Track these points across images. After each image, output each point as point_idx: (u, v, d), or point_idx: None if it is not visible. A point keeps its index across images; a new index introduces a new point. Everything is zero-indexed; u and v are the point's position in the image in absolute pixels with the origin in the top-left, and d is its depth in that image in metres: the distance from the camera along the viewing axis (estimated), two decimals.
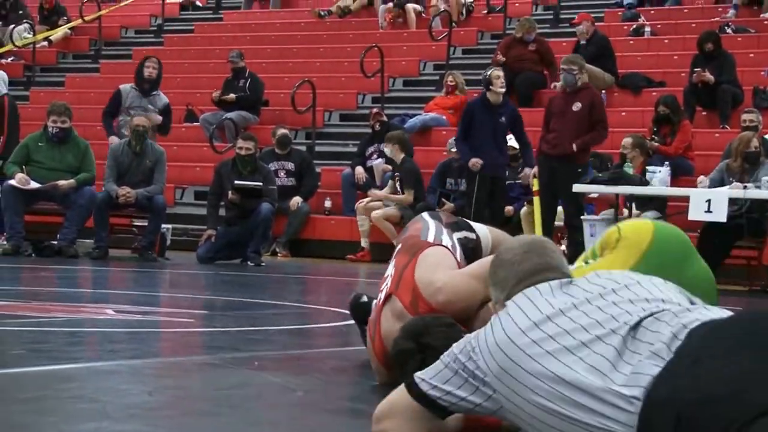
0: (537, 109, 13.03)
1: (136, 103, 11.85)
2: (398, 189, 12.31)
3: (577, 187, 10.84)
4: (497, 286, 2.71)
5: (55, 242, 10.70)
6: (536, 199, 10.85)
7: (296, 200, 12.53)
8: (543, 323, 2.42)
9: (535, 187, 10.86)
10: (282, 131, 13.00)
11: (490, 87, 11.09)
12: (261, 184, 11.06)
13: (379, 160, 12.85)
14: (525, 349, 2.39)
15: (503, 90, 11.14)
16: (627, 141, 11.12)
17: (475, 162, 10.92)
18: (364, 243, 12.23)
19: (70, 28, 19.08)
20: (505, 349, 2.42)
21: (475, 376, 2.47)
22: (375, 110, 13.65)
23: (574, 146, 10.32)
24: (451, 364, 2.53)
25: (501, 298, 2.67)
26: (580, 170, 10.46)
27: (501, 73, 11.22)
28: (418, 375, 2.58)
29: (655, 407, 2.22)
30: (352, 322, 5.90)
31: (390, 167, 12.52)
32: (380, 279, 3.95)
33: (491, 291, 2.76)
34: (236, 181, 10.95)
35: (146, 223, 11.11)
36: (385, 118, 13.34)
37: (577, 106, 10.40)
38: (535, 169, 10.80)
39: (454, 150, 11.96)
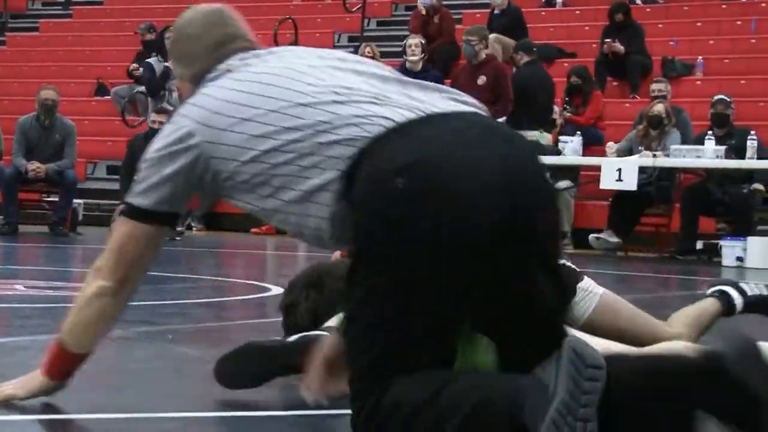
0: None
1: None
2: None
3: None
4: (182, 62, 2.65)
5: None
6: None
7: None
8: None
9: None
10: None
11: (405, 56, 11.15)
12: None
13: None
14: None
15: (416, 58, 11.14)
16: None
17: None
18: None
19: None
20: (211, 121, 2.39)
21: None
22: None
23: None
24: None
25: (187, 74, 2.62)
26: None
27: (416, 41, 11.21)
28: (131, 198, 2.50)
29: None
30: (268, 294, 5.91)
31: None
32: (290, 251, 3.95)
33: (174, 67, 2.72)
34: None
35: (57, 199, 10.95)
36: None
37: (482, 80, 10.43)
38: None
39: None
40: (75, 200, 11.09)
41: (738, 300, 3.90)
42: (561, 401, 1.97)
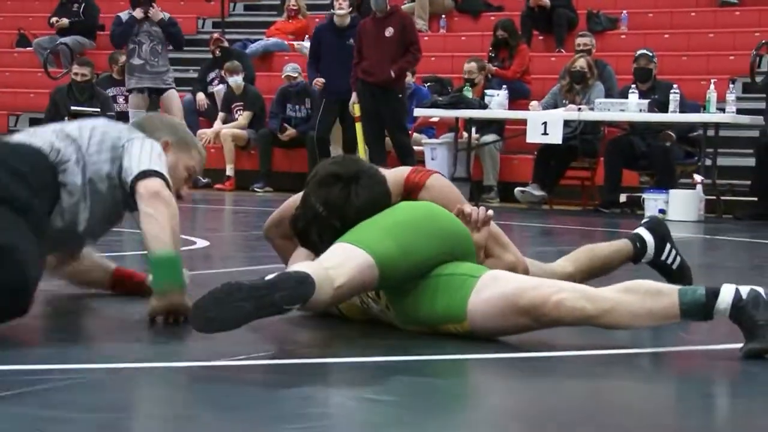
0: None
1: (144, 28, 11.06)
2: (237, 119, 12.39)
3: (418, 111, 10.95)
4: None
5: None
6: (359, 126, 10.90)
7: None
8: None
9: (357, 113, 10.87)
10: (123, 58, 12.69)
11: (332, 9, 11.10)
12: (99, 110, 10.84)
13: (221, 86, 12.74)
14: None
15: (344, 12, 11.08)
16: (472, 65, 11.27)
17: (316, 81, 11.01)
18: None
19: None
20: None
21: None
22: (216, 35, 13.45)
23: (392, 73, 10.22)
24: None
25: None
26: (400, 95, 10.48)
27: None
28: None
29: None
30: (194, 246, 5.88)
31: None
32: (219, 205, 3.94)
33: None
34: (72, 107, 10.68)
35: None
36: (226, 44, 13.16)
37: (389, 32, 10.29)
38: (355, 96, 10.68)
39: (291, 74, 12.04)
40: None
41: (650, 252, 3.99)
42: None
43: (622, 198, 10.29)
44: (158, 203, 3.26)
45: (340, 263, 3.04)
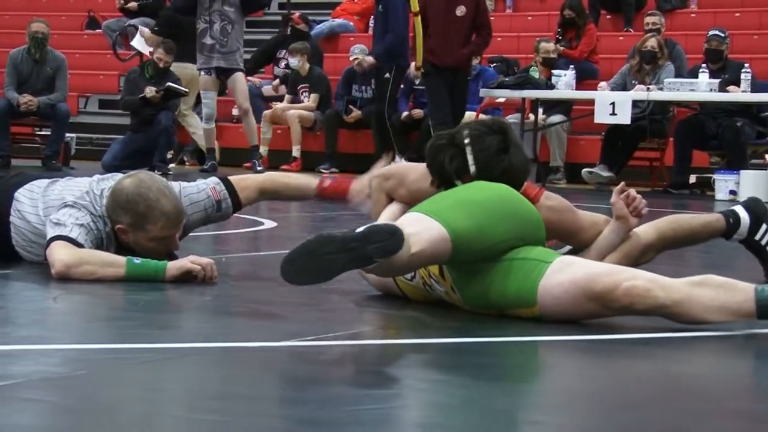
0: None
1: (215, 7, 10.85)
2: (303, 101, 12.38)
3: (484, 92, 10.89)
4: None
5: None
6: None
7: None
8: None
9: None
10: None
11: None
12: (187, 90, 11.00)
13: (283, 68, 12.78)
14: None
15: None
16: (550, 45, 11.23)
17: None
18: (263, 151, 12.03)
19: None
20: None
21: None
22: (296, 14, 13.32)
23: (464, 52, 9.74)
24: None
25: None
26: (469, 78, 10.19)
27: None
28: None
29: None
30: (261, 228, 5.92)
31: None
32: None
33: None
34: (168, 84, 10.74)
35: (49, 133, 10.92)
36: (302, 25, 13.07)
37: (461, 11, 9.68)
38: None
39: (359, 56, 11.99)
40: (67, 134, 11.04)
41: (742, 230, 3.88)
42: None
43: (692, 179, 10.17)
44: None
45: (417, 231, 3.02)
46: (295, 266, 2.84)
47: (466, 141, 3.30)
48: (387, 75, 10.95)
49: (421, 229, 3.03)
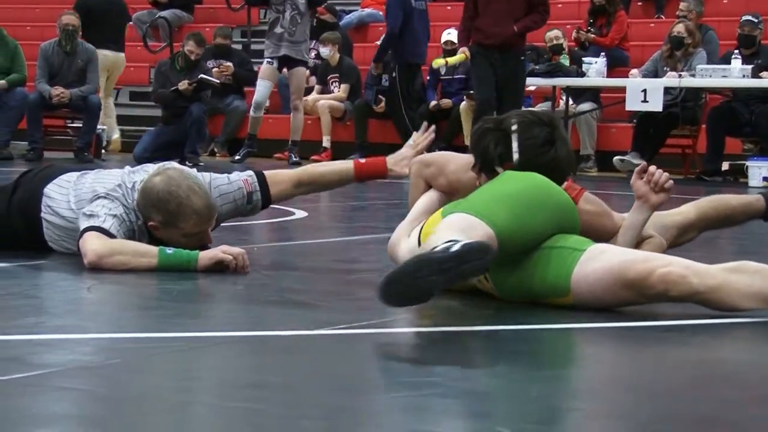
0: None
1: None
2: (333, 91, 12.39)
3: None
4: None
5: None
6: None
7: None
8: None
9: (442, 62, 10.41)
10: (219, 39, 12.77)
11: None
12: (217, 81, 11.08)
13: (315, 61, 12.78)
14: None
15: None
16: (552, 33, 11.22)
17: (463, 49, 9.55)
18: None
19: None
20: None
21: None
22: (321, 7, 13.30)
23: (516, 28, 8.84)
24: None
25: None
26: (522, 58, 9.28)
27: None
28: None
29: None
30: (292, 218, 5.92)
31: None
32: None
33: None
34: (201, 76, 10.80)
35: (81, 125, 10.97)
36: (327, 17, 13.07)
37: None
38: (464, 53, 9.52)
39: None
40: (99, 126, 11.10)
41: None
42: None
43: (725, 166, 10.10)
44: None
45: (468, 235, 2.97)
46: (396, 289, 2.82)
47: (514, 128, 3.29)
48: (394, 74, 11.01)
49: (466, 227, 3.01)
